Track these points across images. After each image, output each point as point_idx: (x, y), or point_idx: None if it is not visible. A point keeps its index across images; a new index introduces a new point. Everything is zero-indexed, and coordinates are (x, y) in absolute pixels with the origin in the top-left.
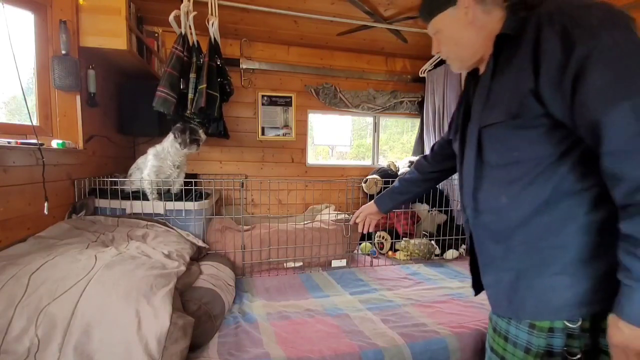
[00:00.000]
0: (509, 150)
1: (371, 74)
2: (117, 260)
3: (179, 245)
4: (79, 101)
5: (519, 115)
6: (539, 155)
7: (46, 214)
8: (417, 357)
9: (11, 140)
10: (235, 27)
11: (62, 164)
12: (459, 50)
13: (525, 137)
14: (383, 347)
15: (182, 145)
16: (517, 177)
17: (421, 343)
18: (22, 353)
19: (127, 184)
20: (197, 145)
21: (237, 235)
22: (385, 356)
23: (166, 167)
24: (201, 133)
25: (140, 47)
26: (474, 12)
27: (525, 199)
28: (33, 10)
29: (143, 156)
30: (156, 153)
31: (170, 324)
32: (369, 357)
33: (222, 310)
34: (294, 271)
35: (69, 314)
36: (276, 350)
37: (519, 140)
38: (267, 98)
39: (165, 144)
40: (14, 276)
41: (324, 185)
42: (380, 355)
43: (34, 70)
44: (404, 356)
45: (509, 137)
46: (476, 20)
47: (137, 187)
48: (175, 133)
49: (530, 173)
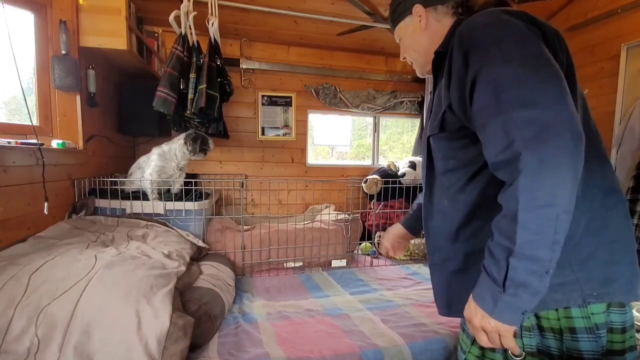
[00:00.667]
0: (446, 158)
1: (371, 74)
2: (117, 260)
3: (179, 245)
4: (79, 101)
5: (444, 128)
6: (468, 164)
7: (46, 214)
8: (417, 357)
9: (11, 140)
10: (235, 27)
11: (62, 164)
12: (417, 56)
13: (454, 147)
14: (383, 347)
15: (192, 153)
16: (453, 183)
17: (421, 343)
18: (22, 353)
19: (127, 183)
20: (204, 154)
21: (237, 235)
22: (385, 356)
23: (169, 168)
24: (211, 143)
25: (140, 47)
26: (427, 20)
27: (460, 203)
28: (33, 10)
29: (145, 156)
30: (162, 153)
31: (170, 324)
32: (369, 357)
33: (222, 310)
34: (294, 271)
35: (69, 314)
36: (276, 350)
37: (451, 150)
38: (267, 98)
39: (173, 145)
40: (14, 276)
41: (324, 185)
42: (380, 355)
43: (34, 70)
44: (403, 356)
45: (444, 147)
46: (429, 27)
47: (137, 187)
48: (187, 140)
49: (462, 179)
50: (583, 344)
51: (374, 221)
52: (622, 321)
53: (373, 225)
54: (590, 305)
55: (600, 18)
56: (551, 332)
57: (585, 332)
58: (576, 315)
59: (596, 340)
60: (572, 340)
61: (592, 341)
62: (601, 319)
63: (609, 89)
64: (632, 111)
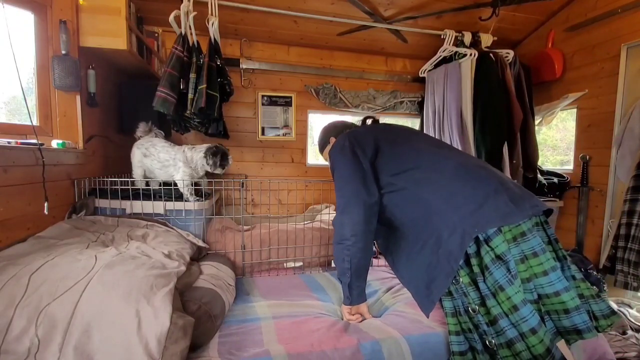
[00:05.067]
0: None
1: (371, 74)
2: (117, 260)
3: (179, 245)
4: (79, 101)
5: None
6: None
7: (46, 214)
8: (415, 349)
9: (11, 140)
10: (235, 27)
11: (62, 164)
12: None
13: None
14: (380, 339)
15: (212, 167)
16: None
17: (418, 336)
18: (22, 353)
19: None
20: (222, 169)
21: (237, 235)
22: (383, 347)
23: (195, 173)
24: (230, 159)
25: (140, 47)
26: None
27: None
28: (33, 10)
29: (173, 149)
30: (185, 161)
31: (170, 324)
32: (366, 348)
33: (223, 310)
34: (294, 271)
35: (69, 314)
36: (276, 347)
37: None
38: (267, 98)
39: (195, 155)
40: (14, 276)
41: (324, 185)
42: (378, 347)
43: (34, 70)
44: (401, 348)
45: None
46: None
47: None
48: (207, 154)
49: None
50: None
51: None
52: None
53: None
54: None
55: (600, 18)
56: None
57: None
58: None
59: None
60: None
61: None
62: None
63: (609, 89)
64: (632, 111)
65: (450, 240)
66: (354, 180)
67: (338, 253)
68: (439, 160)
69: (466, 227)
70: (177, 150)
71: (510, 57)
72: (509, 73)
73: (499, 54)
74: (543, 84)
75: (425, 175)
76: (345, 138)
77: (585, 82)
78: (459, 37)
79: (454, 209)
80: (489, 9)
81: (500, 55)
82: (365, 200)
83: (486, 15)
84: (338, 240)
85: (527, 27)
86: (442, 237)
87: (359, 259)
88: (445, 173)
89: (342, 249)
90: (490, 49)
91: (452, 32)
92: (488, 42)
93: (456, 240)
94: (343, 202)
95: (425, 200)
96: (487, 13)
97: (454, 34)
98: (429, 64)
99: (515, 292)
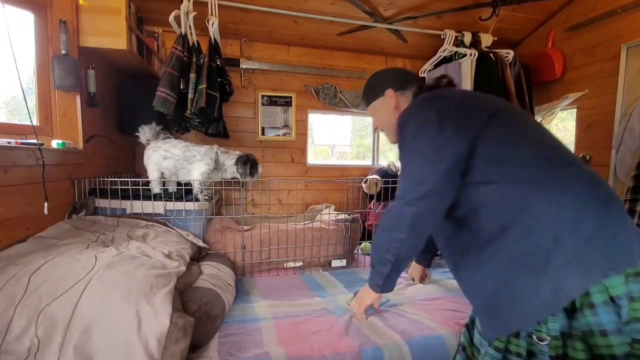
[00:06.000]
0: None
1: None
2: (117, 260)
3: (179, 245)
4: (79, 101)
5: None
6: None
7: (46, 214)
8: (416, 353)
9: (11, 140)
10: (235, 27)
11: (62, 164)
12: (388, 127)
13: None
14: (382, 344)
15: (243, 176)
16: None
17: (419, 339)
18: (22, 353)
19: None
20: (252, 177)
21: (237, 235)
22: (385, 352)
23: (215, 175)
24: (259, 167)
25: (140, 47)
26: (396, 101)
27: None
28: (33, 10)
29: (201, 147)
30: (211, 161)
31: (170, 324)
32: (368, 354)
33: (223, 310)
34: (294, 271)
35: (69, 314)
36: (276, 349)
37: None
38: (267, 98)
39: (226, 161)
40: (14, 276)
41: (324, 185)
42: (380, 352)
43: (34, 70)
44: (402, 353)
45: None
46: (398, 107)
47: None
48: (238, 163)
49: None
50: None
51: (373, 221)
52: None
53: (373, 225)
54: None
55: (600, 18)
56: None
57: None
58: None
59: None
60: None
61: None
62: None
63: (609, 89)
64: (632, 111)
65: (565, 270)
66: (437, 168)
67: (383, 241)
68: (567, 164)
69: (597, 262)
70: (208, 148)
71: (510, 57)
72: (509, 73)
73: (499, 54)
74: (543, 84)
75: (543, 177)
76: (433, 104)
77: (585, 82)
78: (459, 37)
79: (579, 233)
80: (489, 9)
81: (500, 55)
82: (444, 198)
83: (486, 15)
84: (388, 228)
85: (527, 27)
86: (552, 262)
87: (408, 255)
88: (575, 183)
89: (391, 240)
90: (490, 49)
91: (452, 32)
92: (488, 42)
93: (575, 273)
94: (412, 191)
95: (534, 210)
96: (487, 13)
97: (454, 34)
98: (429, 64)
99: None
